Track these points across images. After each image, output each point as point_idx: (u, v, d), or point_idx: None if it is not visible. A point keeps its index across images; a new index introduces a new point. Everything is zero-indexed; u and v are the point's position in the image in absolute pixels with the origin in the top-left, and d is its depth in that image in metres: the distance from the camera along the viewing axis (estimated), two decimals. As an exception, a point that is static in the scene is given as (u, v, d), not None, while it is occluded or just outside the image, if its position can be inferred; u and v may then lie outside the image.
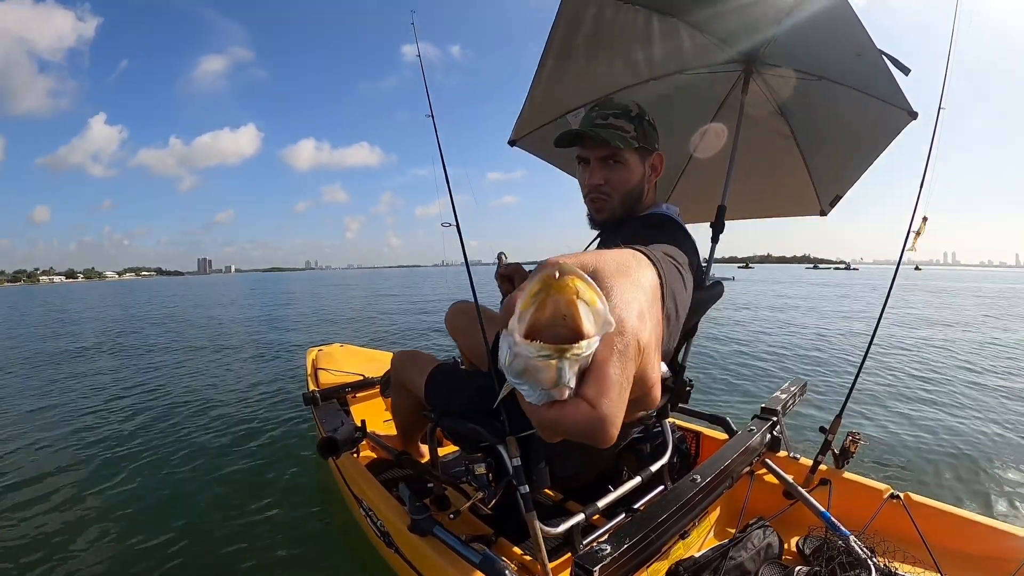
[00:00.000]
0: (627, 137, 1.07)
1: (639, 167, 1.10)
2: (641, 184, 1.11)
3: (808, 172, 2.04)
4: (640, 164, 1.10)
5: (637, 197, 1.12)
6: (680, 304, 0.51)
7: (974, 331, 6.64)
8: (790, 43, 1.54)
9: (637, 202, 1.13)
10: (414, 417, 1.63)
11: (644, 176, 1.11)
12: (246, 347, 7.15)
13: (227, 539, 1.99)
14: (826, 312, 10.28)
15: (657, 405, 0.82)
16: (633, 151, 1.09)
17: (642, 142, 1.08)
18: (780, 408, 1.69)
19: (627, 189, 1.11)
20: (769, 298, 14.94)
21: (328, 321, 10.47)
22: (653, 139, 1.11)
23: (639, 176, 1.10)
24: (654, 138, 1.11)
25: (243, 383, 4.80)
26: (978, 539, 1.25)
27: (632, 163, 1.09)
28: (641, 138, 1.08)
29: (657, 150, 1.12)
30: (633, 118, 1.08)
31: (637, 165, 1.10)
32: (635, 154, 1.09)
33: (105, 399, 4.45)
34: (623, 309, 0.24)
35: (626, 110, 1.09)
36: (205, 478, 2.59)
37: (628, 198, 1.12)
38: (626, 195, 1.11)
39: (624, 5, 1.34)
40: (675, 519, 1.15)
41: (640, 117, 1.09)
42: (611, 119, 1.08)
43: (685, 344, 1.38)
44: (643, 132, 1.08)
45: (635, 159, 1.09)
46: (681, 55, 1.62)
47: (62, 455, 3.03)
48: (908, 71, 1.46)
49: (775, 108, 1.89)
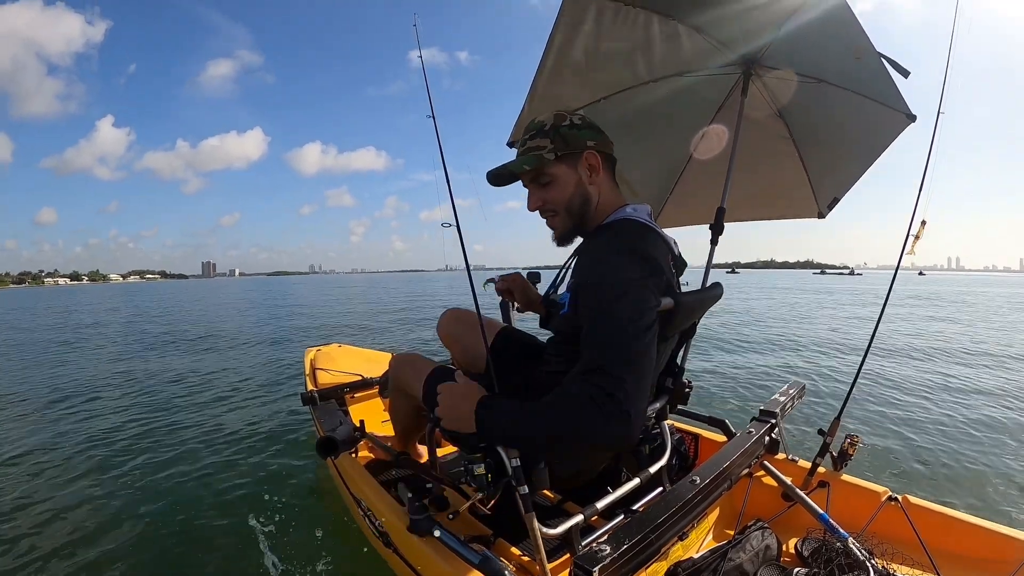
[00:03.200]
0: (542, 154, 1.06)
1: (571, 174, 1.08)
2: (581, 190, 1.09)
3: (806, 174, 2.05)
4: (571, 171, 1.08)
5: (582, 203, 1.09)
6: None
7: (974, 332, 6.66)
8: (790, 46, 1.55)
9: (586, 208, 1.10)
10: (413, 419, 1.63)
11: (581, 181, 1.09)
12: (244, 347, 7.14)
13: (223, 538, 1.99)
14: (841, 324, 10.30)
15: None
16: (556, 162, 1.07)
17: (563, 150, 1.06)
18: (779, 410, 1.69)
19: (566, 201, 1.09)
20: (764, 309, 14.67)
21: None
22: (578, 141, 1.07)
23: (574, 183, 1.08)
24: (581, 138, 1.07)
25: (241, 383, 4.80)
26: (976, 542, 1.26)
27: (560, 174, 1.08)
28: (560, 147, 1.06)
29: (589, 148, 1.07)
30: (547, 131, 1.07)
31: (568, 174, 1.08)
32: (560, 164, 1.07)
33: (102, 398, 4.44)
34: None
35: (540, 126, 1.08)
36: (202, 477, 2.59)
37: (572, 208, 1.10)
38: (568, 207, 1.10)
39: (624, 7, 1.34)
40: (674, 520, 1.15)
41: (555, 127, 1.07)
42: (528, 142, 1.08)
43: (684, 345, 1.38)
44: (561, 140, 1.06)
45: (562, 169, 1.08)
46: (680, 57, 1.62)
47: (59, 453, 3.02)
48: (907, 73, 1.46)
49: (774, 110, 1.89)
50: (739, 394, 4.04)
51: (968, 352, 5.41)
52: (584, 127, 1.08)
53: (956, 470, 2.59)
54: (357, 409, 2.30)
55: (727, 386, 4.24)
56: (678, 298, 0.98)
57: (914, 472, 2.59)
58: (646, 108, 1.86)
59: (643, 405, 0.86)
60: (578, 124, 1.08)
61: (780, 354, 5.43)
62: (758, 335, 6.70)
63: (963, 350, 5.48)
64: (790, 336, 6.58)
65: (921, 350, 5.44)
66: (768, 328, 7.76)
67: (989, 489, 2.40)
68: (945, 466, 2.64)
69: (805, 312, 11.69)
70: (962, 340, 6.26)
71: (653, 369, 0.91)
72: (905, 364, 4.83)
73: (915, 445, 2.90)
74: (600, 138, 1.10)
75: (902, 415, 3.42)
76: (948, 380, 4.34)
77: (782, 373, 4.68)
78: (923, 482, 2.48)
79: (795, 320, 9.45)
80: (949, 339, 6.32)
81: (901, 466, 2.65)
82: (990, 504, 2.27)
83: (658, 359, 1.15)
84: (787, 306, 13.83)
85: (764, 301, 14.11)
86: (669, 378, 1.34)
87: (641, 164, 2.18)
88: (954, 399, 3.82)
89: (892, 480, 2.48)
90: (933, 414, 3.46)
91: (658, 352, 1.06)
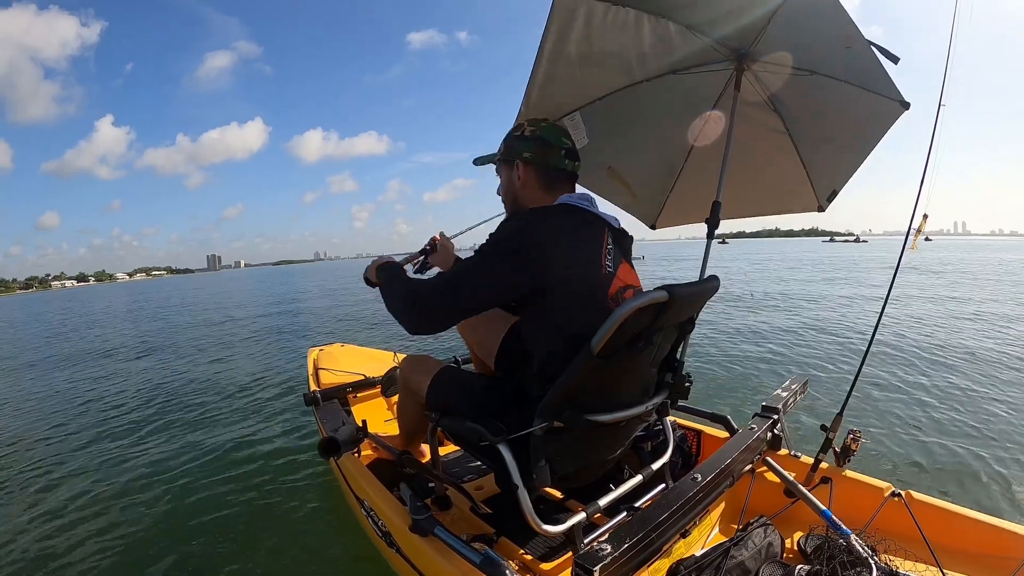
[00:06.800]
0: (495, 154, 1.31)
1: (506, 175, 1.28)
2: (513, 189, 1.26)
3: (804, 168, 2.05)
4: (507, 173, 1.27)
5: (513, 200, 1.28)
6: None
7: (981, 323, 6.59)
8: (780, 38, 1.55)
9: (515, 205, 1.28)
10: (419, 419, 1.63)
11: (513, 183, 1.25)
12: (247, 346, 7.16)
13: (227, 538, 2.00)
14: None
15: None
16: (500, 162, 1.30)
17: (504, 155, 1.26)
18: (781, 406, 1.69)
19: (504, 194, 1.32)
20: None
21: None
22: (514, 151, 1.23)
23: (508, 183, 1.28)
24: (518, 149, 1.22)
25: (244, 383, 4.81)
26: (980, 537, 1.25)
27: (502, 173, 1.31)
28: (504, 152, 1.26)
29: (523, 159, 1.22)
30: (505, 138, 1.28)
31: (505, 174, 1.29)
32: (502, 165, 1.29)
33: (103, 399, 4.47)
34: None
35: (510, 132, 1.28)
36: (206, 477, 2.60)
37: (506, 201, 1.32)
38: (504, 200, 1.33)
39: (613, 7, 1.34)
40: (676, 518, 1.15)
41: (509, 135, 1.27)
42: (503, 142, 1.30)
43: (682, 340, 1.37)
44: (506, 147, 1.26)
45: (503, 169, 1.29)
46: (673, 55, 1.62)
47: (59, 452, 3.04)
48: (897, 60, 1.46)
49: (768, 104, 1.89)
50: (742, 389, 4.03)
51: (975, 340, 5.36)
52: (530, 139, 1.22)
53: (960, 465, 2.58)
54: (360, 409, 2.31)
55: (729, 382, 4.24)
56: (673, 290, 0.98)
57: (917, 467, 2.58)
58: (641, 108, 1.86)
59: (429, 321, 1.07)
60: (527, 136, 1.22)
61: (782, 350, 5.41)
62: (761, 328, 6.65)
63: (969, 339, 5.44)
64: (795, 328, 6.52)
65: (925, 342, 5.41)
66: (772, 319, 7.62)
67: (994, 484, 2.39)
68: (949, 461, 2.63)
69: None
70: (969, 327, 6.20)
71: (465, 309, 1.07)
72: (909, 358, 4.81)
73: (918, 440, 2.89)
74: (539, 151, 1.22)
75: (905, 410, 3.40)
76: (953, 374, 4.31)
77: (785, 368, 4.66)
78: (926, 477, 2.47)
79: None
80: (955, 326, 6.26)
81: (904, 461, 2.64)
82: (995, 499, 2.26)
83: (655, 354, 1.16)
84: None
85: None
86: (669, 373, 1.33)
87: (639, 164, 2.18)
88: (958, 392, 3.81)
89: (895, 476, 2.47)
90: (936, 408, 3.44)
91: (655, 347, 1.11)
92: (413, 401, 1.54)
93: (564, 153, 1.22)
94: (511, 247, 1.06)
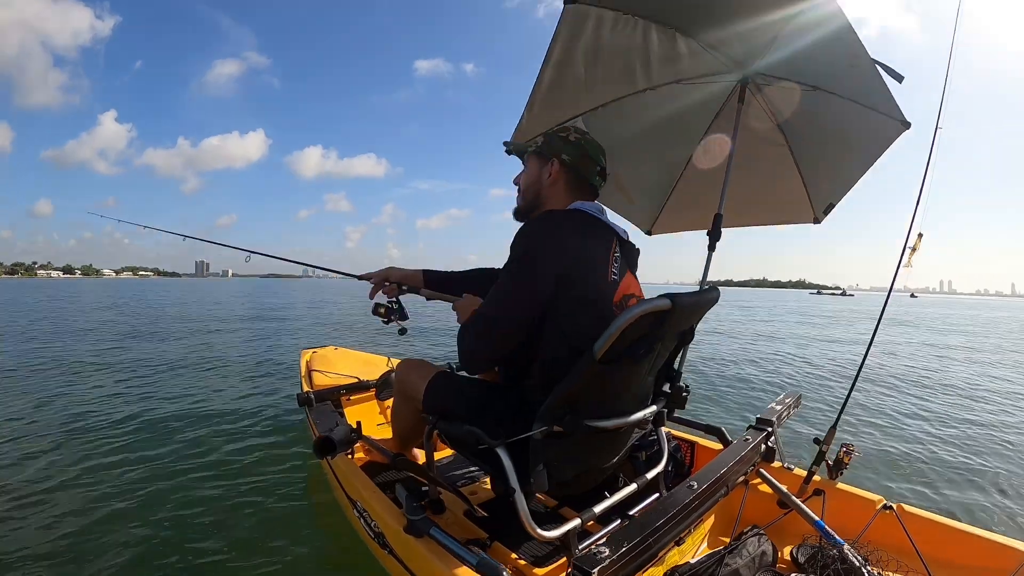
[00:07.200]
0: (530, 144, 1.30)
1: (536, 170, 1.27)
2: (538, 186, 1.27)
3: (802, 180, 2.07)
4: (538, 168, 1.27)
5: (535, 195, 1.28)
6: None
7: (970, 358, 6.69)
8: (786, 54, 1.57)
9: (537, 200, 1.27)
10: (415, 424, 1.62)
11: (540, 178, 1.26)
12: (238, 348, 7.09)
13: (217, 539, 1.97)
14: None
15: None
16: (533, 155, 1.28)
17: (541, 149, 1.26)
18: (775, 419, 1.70)
19: (526, 187, 1.30)
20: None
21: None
22: (554, 149, 1.24)
23: (536, 178, 1.27)
24: (558, 150, 1.23)
25: (236, 384, 4.76)
26: (971, 550, 1.26)
27: (531, 165, 1.29)
28: (543, 147, 1.26)
29: (560, 159, 1.23)
30: (547, 134, 1.29)
31: (535, 168, 1.27)
32: (534, 158, 1.28)
33: (96, 400, 4.39)
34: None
35: (552, 130, 1.31)
36: (196, 478, 2.56)
37: (527, 195, 1.30)
38: (524, 192, 1.30)
39: (623, 16, 1.37)
40: (671, 525, 1.15)
41: (553, 133, 1.27)
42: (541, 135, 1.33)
43: (681, 350, 1.39)
44: (546, 142, 1.26)
45: (533, 163, 1.28)
46: (678, 66, 1.64)
47: (53, 457, 2.98)
48: (901, 79, 1.49)
49: (771, 118, 1.92)
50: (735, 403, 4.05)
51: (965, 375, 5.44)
52: (572, 144, 1.24)
53: (951, 478, 2.61)
54: (353, 411, 2.29)
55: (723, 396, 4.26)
56: (675, 299, 0.99)
57: (909, 481, 2.60)
58: (644, 116, 1.88)
59: (483, 350, 1.13)
60: (571, 140, 1.24)
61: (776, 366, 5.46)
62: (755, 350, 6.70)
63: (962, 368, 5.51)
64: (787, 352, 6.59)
65: (915, 370, 5.48)
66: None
67: (984, 497, 2.41)
68: (940, 475, 2.65)
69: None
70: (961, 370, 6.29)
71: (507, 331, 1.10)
72: (900, 377, 4.86)
73: (910, 454, 2.92)
74: (577, 158, 1.23)
75: (897, 425, 3.44)
76: (942, 392, 4.37)
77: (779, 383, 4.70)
78: (917, 491, 2.49)
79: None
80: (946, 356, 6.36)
81: (896, 475, 2.66)
82: (985, 512, 2.28)
83: (655, 361, 1.17)
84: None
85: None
86: (666, 382, 1.34)
87: (639, 170, 2.20)
88: (949, 409, 3.85)
89: (886, 489, 2.49)
90: (928, 424, 3.48)
91: (655, 354, 1.12)
92: (409, 405, 1.54)
93: (598, 170, 1.26)
94: (524, 257, 1.09)
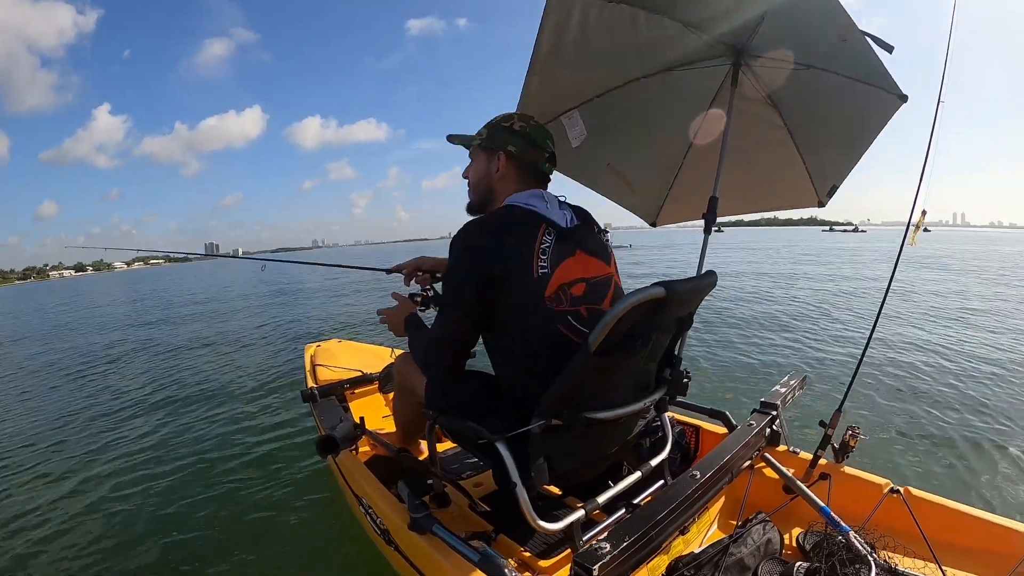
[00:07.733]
0: (474, 138, 1.27)
1: (484, 164, 1.25)
2: (488, 180, 1.25)
3: (804, 163, 2.04)
4: (485, 162, 1.25)
5: (485, 189, 1.26)
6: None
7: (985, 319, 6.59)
8: (776, 33, 1.54)
9: (488, 194, 1.26)
10: (416, 417, 1.62)
11: (489, 172, 1.24)
12: (244, 340, 7.14)
13: (224, 535, 2.00)
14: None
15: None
16: (478, 149, 1.26)
17: (486, 143, 1.24)
18: (780, 402, 1.68)
19: (475, 182, 1.28)
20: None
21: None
22: (498, 142, 1.22)
23: (484, 172, 1.25)
24: (503, 141, 1.21)
25: (241, 379, 4.80)
26: (979, 534, 1.25)
27: (477, 160, 1.27)
28: (487, 140, 1.24)
29: (506, 151, 1.20)
30: (490, 125, 1.25)
31: (482, 162, 1.26)
32: (480, 152, 1.26)
33: (99, 395, 4.45)
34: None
35: (496, 121, 1.26)
36: (203, 475, 2.59)
37: (477, 189, 1.28)
38: (475, 187, 1.29)
39: (609, 4, 1.33)
40: (675, 515, 1.14)
41: (496, 125, 1.24)
42: (484, 126, 1.28)
43: (681, 335, 1.37)
44: (489, 135, 1.24)
45: (480, 157, 1.26)
46: (670, 52, 1.61)
47: (57, 448, 3.03)
48: (891, 49, 1.45)
49: (766, 100, 1.88)
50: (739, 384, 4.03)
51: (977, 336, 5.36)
52: (518, 134, 1.21)
53: (959, 461, 2.59)
54: (358, 405, 2.30)
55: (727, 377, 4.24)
56: (670, 286, 0.97)
57: (916, 463, 2.58)
58: (639, 105, 1.85)
59: (441, 368, 1.24)
60: (516, 131, 1.21)
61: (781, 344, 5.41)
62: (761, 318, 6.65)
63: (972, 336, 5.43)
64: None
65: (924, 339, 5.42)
66: (769, 318, 7.64)
67: (993, 480, 2.40)
68: (948, 457, 2.63)
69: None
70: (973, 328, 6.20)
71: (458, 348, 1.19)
72: (908, 353, 4.82)
73: (917, 436, 2.90)
74: (524, 148, 1.21)
75: (904, 406, 3.41)
76: (952, 369, 4.32)
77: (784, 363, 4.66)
78: (925, 473, 2.48)
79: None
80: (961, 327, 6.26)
81: (903, 458, 2.64)
82: (994, 495, 2.26)
83: (654, 348, 1.16)
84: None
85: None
86: (667, 368, 1.33)
87: (638, 161, 2.17)
88: (958, 390, 3.81)
89: (894, 472, 2.48)
90: (936, 405, 3.45)
91: (654, 341, 1.11)
92: (409, 399, 1.53)
93: (547, 156, 1.23)
94: (450, 272, 1.13)
